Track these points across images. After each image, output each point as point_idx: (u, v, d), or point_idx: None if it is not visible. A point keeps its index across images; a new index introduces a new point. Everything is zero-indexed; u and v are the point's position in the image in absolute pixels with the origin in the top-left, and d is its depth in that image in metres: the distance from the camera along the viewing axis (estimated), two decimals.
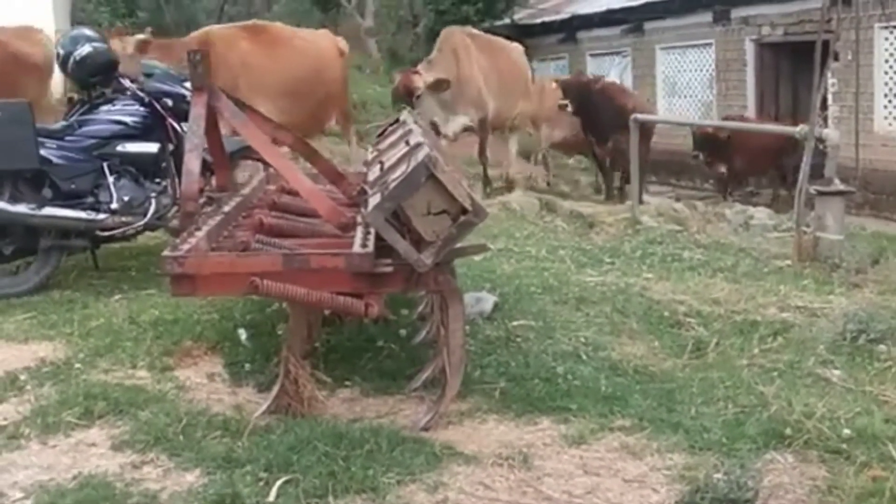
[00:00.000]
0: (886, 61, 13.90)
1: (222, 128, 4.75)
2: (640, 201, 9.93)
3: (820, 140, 7.46)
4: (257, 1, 30.68)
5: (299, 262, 3.60)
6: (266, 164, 5.12)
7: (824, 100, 12.58)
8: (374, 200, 3.71)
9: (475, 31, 12.71)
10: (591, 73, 20.24)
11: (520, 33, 22.99)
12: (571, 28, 21.39)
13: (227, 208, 4.43)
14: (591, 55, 21.09)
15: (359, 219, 4.07)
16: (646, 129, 11.83)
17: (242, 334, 4.70)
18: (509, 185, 11.93)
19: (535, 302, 5.46)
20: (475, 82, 11.20)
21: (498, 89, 11.51)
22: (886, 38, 13.88)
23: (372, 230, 3.76)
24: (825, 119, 13.38)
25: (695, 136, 14.03)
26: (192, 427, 3.74)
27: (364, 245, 3.71)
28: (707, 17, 17.31)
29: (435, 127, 9.95)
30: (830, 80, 13.68)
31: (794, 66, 16.19)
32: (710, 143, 13.79)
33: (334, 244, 3.91)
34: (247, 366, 4.46)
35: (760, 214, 10.27)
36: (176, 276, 3.58)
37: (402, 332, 4.80)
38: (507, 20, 22.95)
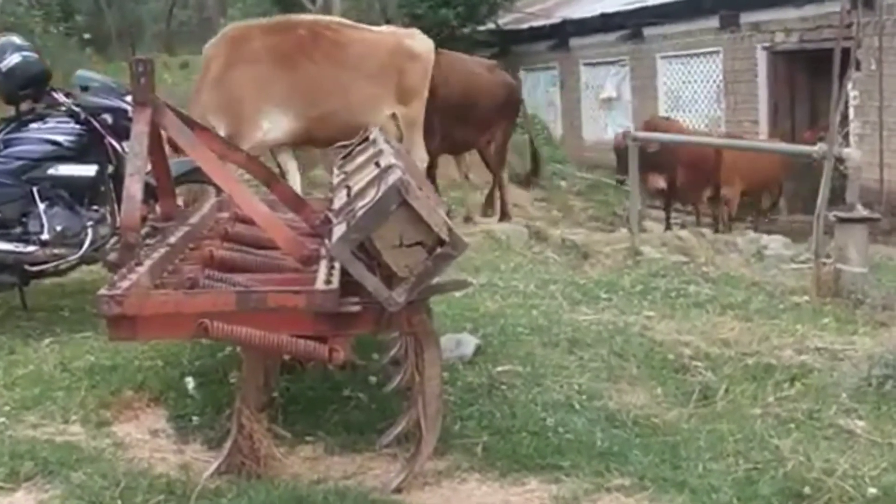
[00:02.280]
0: None
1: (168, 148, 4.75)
2: (641, 229, 9.99)
3: (840, 160, 7.53)
4: (210, 4, 30.75)
5: (255, 301, 3.59)
6: (218, 189, 5.11)
7: (845, 115, 12.74)
8: (339, 230, 3.71)
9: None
10: (584, 84, 20.50)
11: (505, 40, 23.20)
12: (563, 34, 21.56)
13: (172, 239, 4.42)
14: (585, 64, 21.26)
15: (322, 251, 4.07)
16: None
17: (190, 383, 4.67)
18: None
19: (523, 344, 5.45)
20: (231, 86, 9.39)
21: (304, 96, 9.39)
22: None
23: (337, 264, 3.75)
24: (846, 136, 13.53)
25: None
26: (132, 490, 3.70)
27: (328, 281, 3.70)
28: (713, 22, 17.48)
29: None
30: (852, 93, 13.82)
31: (810, 76, 16.38)
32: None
33: (295, 280, 3.90)
34: (195, 419, 4.43)
35: (775, 244, 10.34)
36: (114, 317, 3.55)
37: (372, 379, 4.79)
38: (490, 25, 23.07)
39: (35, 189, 5.86)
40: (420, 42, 9.81)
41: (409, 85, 9.49)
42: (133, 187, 4.21)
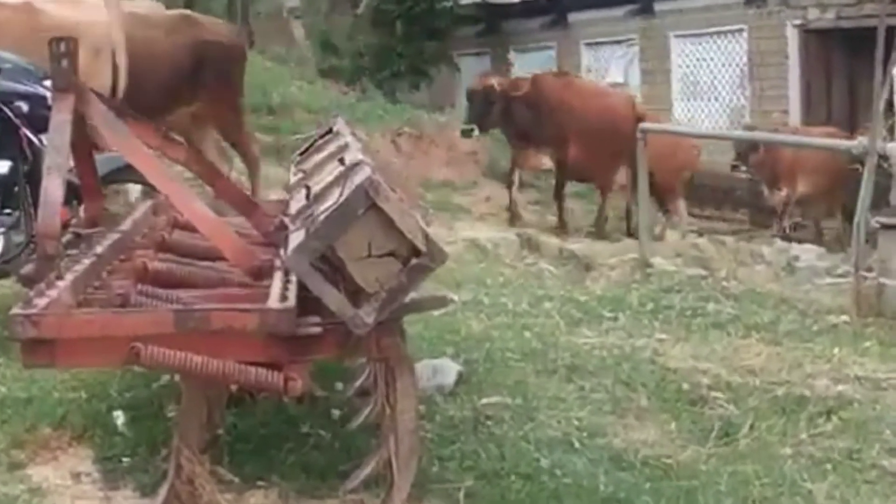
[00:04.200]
0: None
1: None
2: (653, 236, 10.03)
3: (883, 157, 7.57)
4: None
5: (196, 321, 3.57)
6: (153, 190, 5.10)
7: (890, 104, 12.80)
8: (296, 238, 3.71)
9: None
10: (587, 66, 20.57)
11: (493, 15, 23.30)
12: (561, 8, 21.66)
13: (99, 249, 4.40)
14: (587, 44, 21.35)
15: (277, 263, 4.06)
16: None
17: (119, 418, 4.64)
18: None
19: (513, 372, 5.46)
20: None
21: None
22: None
23: (294, 278, 3.75)
24: (891, 129, 13.60)
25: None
26: None
27: (283, 298, 3.69)
28: None
29: None
30: None
31: (849, 59, 16.49)
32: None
33: (244, 297, 3.89)
34: (125, 461, 4.40)
35: (808, 254, 10.41)
36: (29, 340, 3.53)
37: (335, 413, 4.77)
38: None
39: None
40: None
41: None
42: (52, 187, 4.19)
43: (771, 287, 8.72)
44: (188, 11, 11.27)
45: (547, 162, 14.08)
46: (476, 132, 13.78)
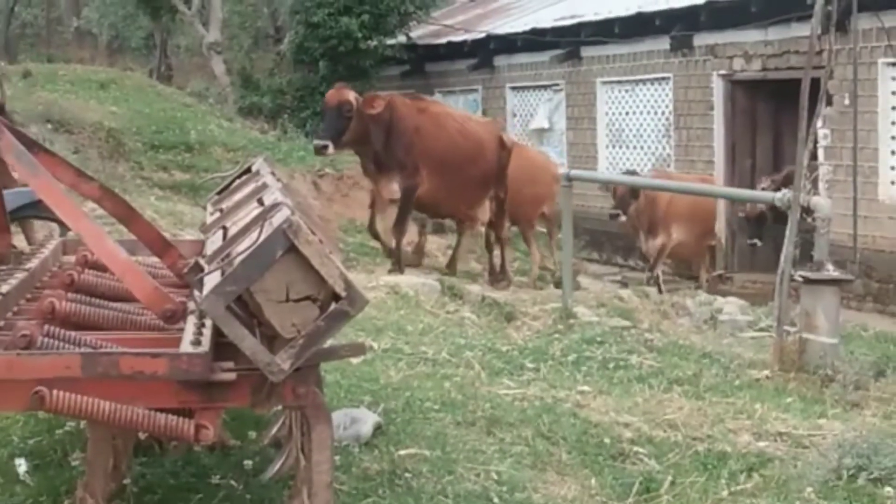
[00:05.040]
0: (894, 108, 14.41)
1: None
2: (575, 286, 10.09)
3: (807, 210, 7.68)
4: (62, 3, 30.54)
5: (104, 365, 3.52)
6: (63, 226, 5.03)
7: (814, 156, 13.09)
8: (211, 280, 3.67)
9: None
10: (512, 111, 20.76)
11: (419, 56, 23.45)
12: (487, 52, 21.87)
13: (4, 288, 4.32)
14: (513, 88, 21.55)
15: (191, 305, 4.02)
16: None
17: (21, 466, 4.56)
18: None
19: (432, 423, 5.44)
20: None
21: None
22: (894, 78, 14.40)
23: (208, 322, 3.71)
24: (814, 182, 13.89)
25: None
26: None
27: (196, 342, 3.65)
28: (663, 43, 17.90)
29: None
30: (822, 131, 14.21)
31: (774, 110, 16.81)
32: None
33: (155, 340, 3.85)
34: None
35: (731, 307, 10.53)
36: None
37: (248, 464, 4.72)
38: (401, 38, 23.32)
39: None
40: None
41: None
42: None
43: (694, 340, 8.82)
44: None
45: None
46: (330, 149, 12.37)
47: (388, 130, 12.36)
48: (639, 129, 18.78)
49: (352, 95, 12.31)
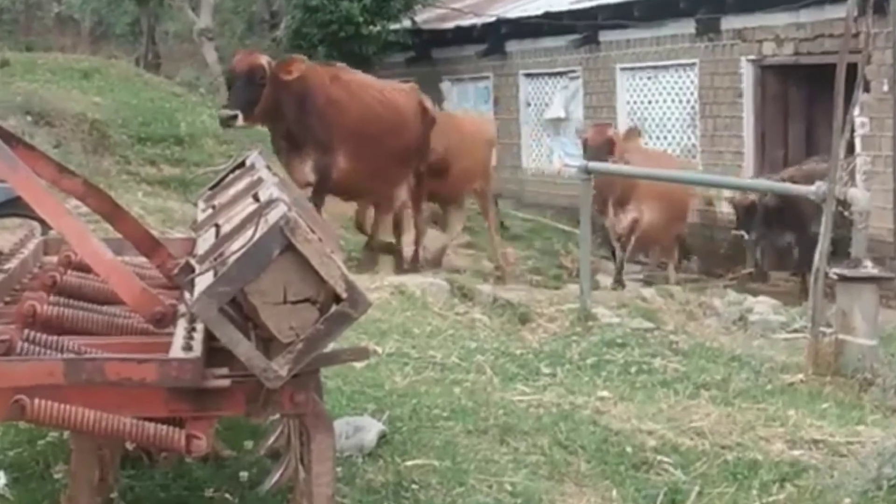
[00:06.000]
0: None
1: None
2: (594, 286, 10.08)
3: (843, 203, 7.67)
4: None
5: (89, 372, 3.53)
6: (44, 225, 5.04)
7: (850, 146, 13.06)
8: (203, 281, 3.68)
9: None
10: (524, 100, 20.75)
11: (425, 42, 23.41)
12: (498, 37, 21.83)
13: None
14: (526, 75, 21.52)
15: (181, 308, 4.03)
16: None
17: (0, 479, 4.56)
18: None
19: (441, 431, 5.45)
20: None
21: None
22: None
23: (200, 325, 3.72)
24: (851, 173, 13.86)
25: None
26: None
27: (187, 347, 3.66)
28: (688, 27, 17.85)
29: None
30: (859, 119, 14.15)
31: (808, 97, 16.77)
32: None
33: (143, 346, 3.85)
34: None
35: (762, 307, 10.51)
36: None
37: (243, 476, 4.73)
38: (406, 23, 23.29)
39: None
40: None
41: None
42: None
43: (722, 342, 8.81)
44: None
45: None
46: (239, 120, 11.53)
47: (300, 103, 11.86)
48: (662, 118, 18.75)
49: (264, 59, 11.76)
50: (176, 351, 3.65)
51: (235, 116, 11.53)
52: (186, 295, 4.01)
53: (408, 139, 12.45)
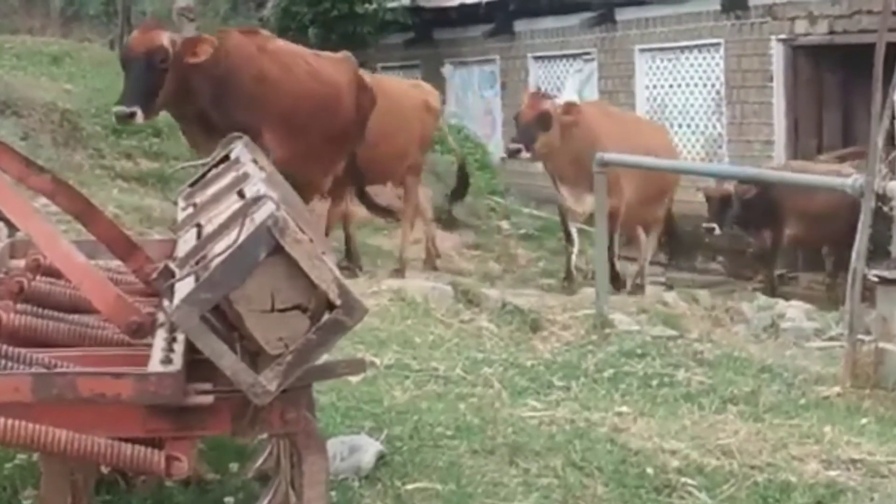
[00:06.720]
0: None
1: None
2: (613, 289, 10.08)
3: (882, 198, 7.65)
4: None
5: (60, 388, 3.53)
6: (10, 226, 5.05)
7: (890, 134, 13.03)
8: (184, 288, 3.68)
9: None
10: (534, 85, 20.73)
11: (425, 21, 23.43)
12: (505, 15, 21.86)
13: None
14: (536, 57, 21.54)
15: (160, 317, 4.03)
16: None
17: None
18: None
19: (444, 451, 5.45)
20: None
21: None
22: None
23: (180, 336, 3.72)
24: (891, 164, 13.82)
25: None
26: None
27: (167, 360, 3.66)
28: (713, 3, 17.86)
29: None
30: None
31: (843, 81, 16.75)
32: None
33: (119, 358, 3.86)
34: None
35: (795, 312, 10.51)
36: None
37: (229, 501, 4.74)
38: (404, 0, 23.29)
39: None
40: None
41: None
42: None
43: (751, 351, 8.80)
44: None
45: None
46: (139, 117, 10.39)
47: (219, 82, 10.70)
48: (685, 104, 18.75)
49: (165, 38, 10.41)
50: (154, 364, 3.65)
51: (133, 115, 10.37)
52: (165, 302, 4.02)
53: (345, 117, 11.76)
